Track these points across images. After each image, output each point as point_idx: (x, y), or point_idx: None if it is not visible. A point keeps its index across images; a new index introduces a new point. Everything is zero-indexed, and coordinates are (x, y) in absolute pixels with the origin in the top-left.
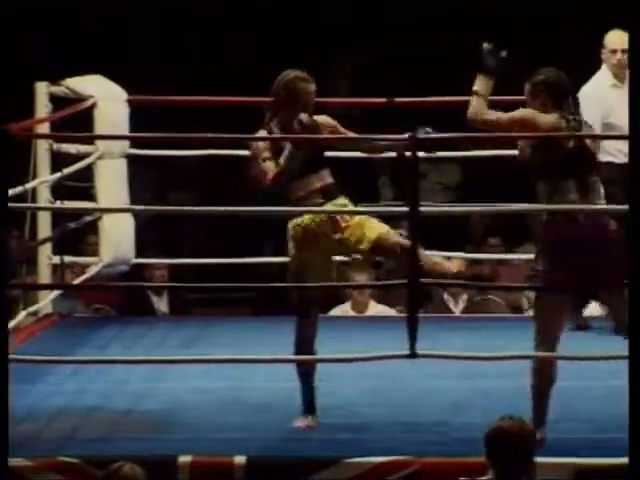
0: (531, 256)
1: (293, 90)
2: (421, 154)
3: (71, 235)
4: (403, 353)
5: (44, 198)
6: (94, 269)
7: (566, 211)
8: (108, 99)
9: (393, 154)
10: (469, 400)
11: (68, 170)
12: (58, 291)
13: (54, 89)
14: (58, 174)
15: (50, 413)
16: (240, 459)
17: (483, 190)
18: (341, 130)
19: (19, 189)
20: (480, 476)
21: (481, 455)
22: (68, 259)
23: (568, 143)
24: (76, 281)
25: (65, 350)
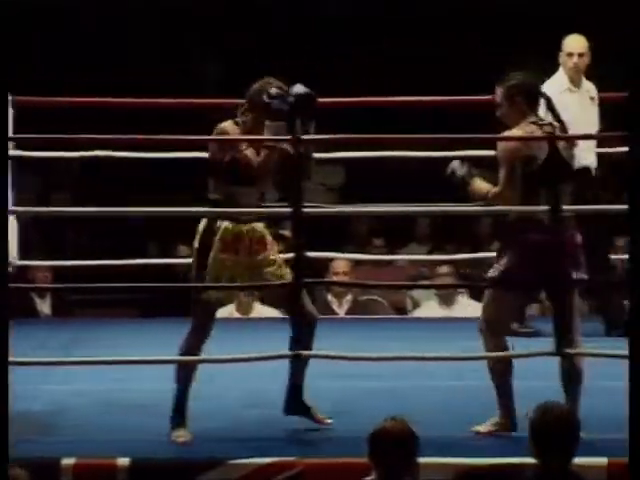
0: (416, 257)
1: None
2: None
3: None
4: (287, 353)
5: None
6: None
7: (533, 216)
8: None
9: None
10: (353, 400)
11: None
12: None
13: None
14: None
15: None
16: (124, 461)
17: (366, 191)
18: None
19: None
20: (364, 476)
21: (365, 455)
22: None
23: (542, 155)
24: None
25: None
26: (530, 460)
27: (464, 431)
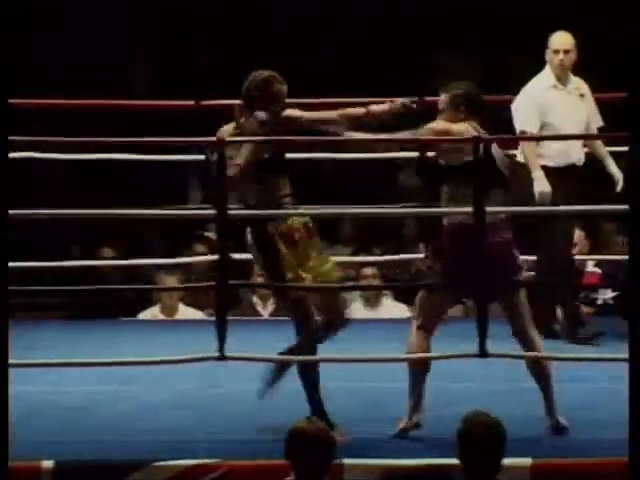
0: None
1: (266, 90)
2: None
3: None
4: (212, 355)
5: None
6: None
7: (465, 217)
8: None
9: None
10: (275, 402)
11: None
12: None
13: None
14: None
15: None
16: (48, 464)
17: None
18: (307, 116)
19: None
20: (286, 477)
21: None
22: None
23: (469, 153)
24: None
25: None
26: (455, 461)
27: (389, 432)
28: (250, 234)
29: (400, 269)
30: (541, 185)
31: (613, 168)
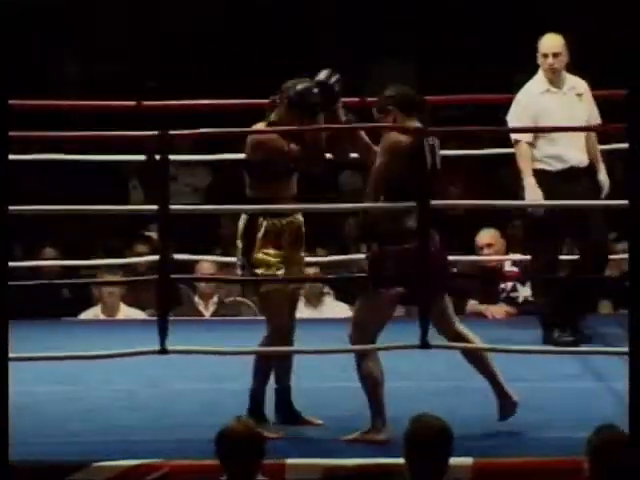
0: None
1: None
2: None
3: None
4: (153, 349)
5: None
6: None
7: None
8: None
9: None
10: (219, 402)
11: None
12: None
13: None
14: None
15: None
16: None
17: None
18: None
19: None
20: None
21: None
22: None
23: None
24: None
25: None
26: (398, 461)
27: (332, 431)
28: (243, 221)
29: (343, 270)
30: (532, 193)
31: (602, 176)
